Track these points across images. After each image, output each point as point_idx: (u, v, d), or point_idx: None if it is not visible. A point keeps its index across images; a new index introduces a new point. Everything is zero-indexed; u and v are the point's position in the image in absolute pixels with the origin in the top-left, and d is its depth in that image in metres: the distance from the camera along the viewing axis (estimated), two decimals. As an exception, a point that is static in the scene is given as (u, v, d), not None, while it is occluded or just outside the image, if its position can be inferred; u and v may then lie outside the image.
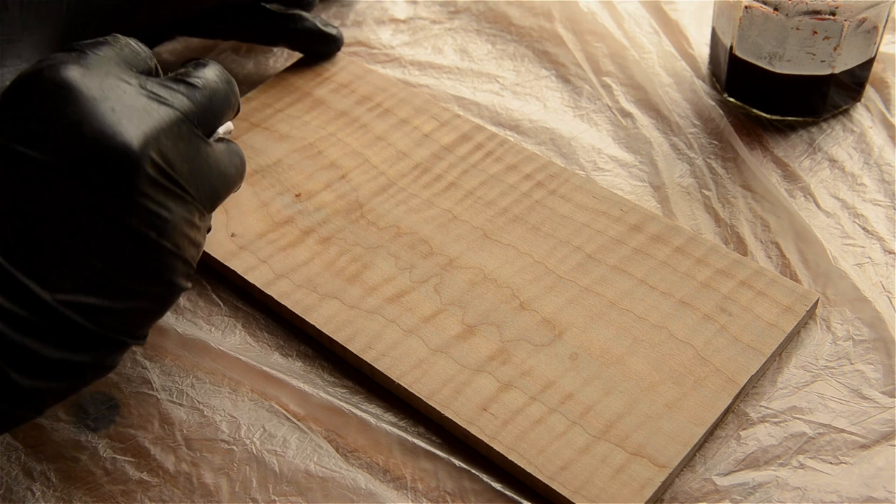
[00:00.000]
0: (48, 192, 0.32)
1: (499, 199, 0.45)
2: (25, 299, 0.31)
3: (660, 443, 0.36)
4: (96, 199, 0.32)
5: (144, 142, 0.33)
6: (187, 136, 0.35)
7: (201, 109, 0.36)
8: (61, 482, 0.37)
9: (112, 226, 0.32)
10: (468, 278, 0.42)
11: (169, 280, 0.34)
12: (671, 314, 0.40)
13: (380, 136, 0.49)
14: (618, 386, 0.38)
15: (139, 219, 0.32)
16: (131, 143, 0.32)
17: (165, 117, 0.34)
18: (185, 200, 0.34)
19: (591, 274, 0.42)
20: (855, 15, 0.45)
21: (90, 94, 0.33)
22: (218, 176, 0.36)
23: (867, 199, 0.46)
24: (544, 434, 0.37)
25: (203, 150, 0.35)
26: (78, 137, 0.32)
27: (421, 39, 0.56)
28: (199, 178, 0.35)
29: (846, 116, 0.50)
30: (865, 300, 0.42)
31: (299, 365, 0.41)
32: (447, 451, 0.38)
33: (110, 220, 0.32)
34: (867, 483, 0.36)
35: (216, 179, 0.36)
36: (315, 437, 0.39)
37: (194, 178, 0.34)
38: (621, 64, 0.53)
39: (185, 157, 0.34)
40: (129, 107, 0.33)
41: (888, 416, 0.38)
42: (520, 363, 0.39)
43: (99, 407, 0.40)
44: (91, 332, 0.32)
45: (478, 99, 0.52)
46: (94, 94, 0.33)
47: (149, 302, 0.34)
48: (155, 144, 0.33)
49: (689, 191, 0.47)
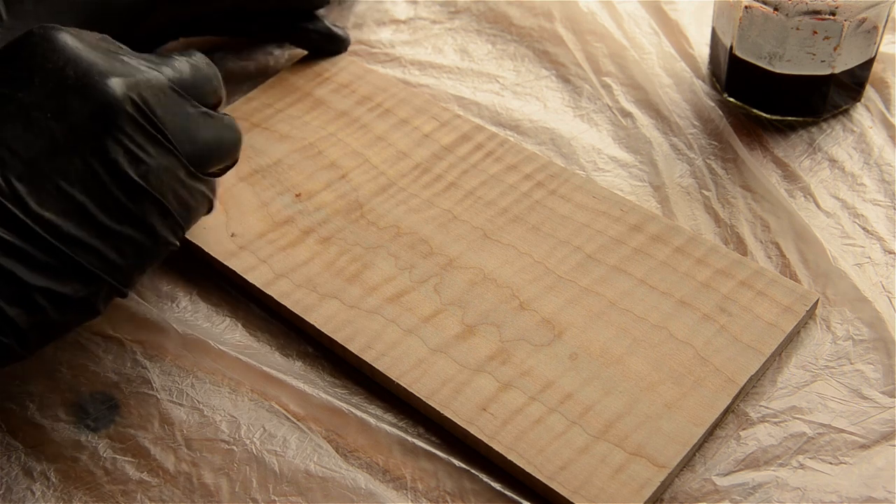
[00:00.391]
0: (31, 128, 0.33)
1: (499, 199, 0.45)
2: (8, 222, 0.32)
3: (659, 443, 0.36)
4: (77, 134, 0.33)
5: (126, 85, 0.34)
6: (173, 96, 0.36)
7: (187, 81, 0.37)
8: (61, 482, 0.38)
9: (91, 158, 0.33)
10: (468, 278, 0.42)
11: (150, 226, 0.35)
12: (671, 314, 0.40)
13: (380, 137, 0.49)
14: (617, 386, 0.38)
15: (116, 154, 0.34)
16: (112, 83, 0.34)
17: (150, 74, 0.35)
18: (168, 150, 0.35)
19: (591, 274, 0.42)
20: (855, 15, 0.45)
21: (76, 44, 0.35)
22: (208, 140, 0.37)
23: (867, 199, 0.46)
24: (544, 434, 0.37)
25: (190, 111, 0.36)
26: (61, 79, 0.34)
27: (421, 39, 0.56)
28: (186, 135, 0.36)
29: (846, 116, 0.50)
30: (865, 300, 0.42)
31: (299, 365, 0.41)
32: (447, 451, 0.38)
33: (89, 153, 0.33)
34: (867, 483, 0.36)
35: (205, 142, 0.37)
36: (315, 437, 0.39)
37: (179, 134, 0.36)
38: (621, 64, 0.53)
39: (168, 111, 0.35)
40: (115, 60, 0.35)
41: (888, 416, 0.38)
42: (519, 363, 0.39)
43: (99, 407, 0.40)
44: (73, 261, 0.33)
45: (478, 99, 0.52)
46: (80, 46, 0.35)
47: (130, 246, 0.35)
48: (136, 90, 0.34)
49: (688, 191, 0.47)
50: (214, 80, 0.39)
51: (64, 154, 0.33)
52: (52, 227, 0.33)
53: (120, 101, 0.34)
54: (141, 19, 0.47)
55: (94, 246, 0.34)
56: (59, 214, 0.33)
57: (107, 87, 0.34)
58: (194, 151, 0.36)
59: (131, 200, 0.34)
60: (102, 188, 0.34)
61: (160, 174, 0.35)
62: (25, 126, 0.33)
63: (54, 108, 0.34)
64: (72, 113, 0.34)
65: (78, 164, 0.33)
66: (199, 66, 0.38)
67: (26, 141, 0.33)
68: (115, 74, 0.34)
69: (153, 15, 0.48)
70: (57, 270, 0.33)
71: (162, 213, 0.35)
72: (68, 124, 0.33)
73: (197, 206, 0.37)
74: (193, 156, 0.36)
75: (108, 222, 0.34)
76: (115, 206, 0.34)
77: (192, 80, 0.37)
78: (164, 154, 0.35)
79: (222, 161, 0.39)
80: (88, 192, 0.34)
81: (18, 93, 0.34)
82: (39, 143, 0.33)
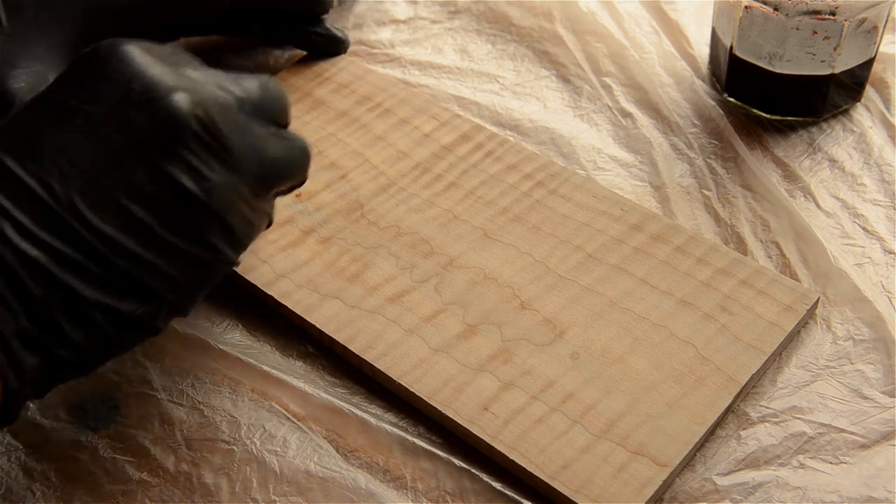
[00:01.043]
0: (96, 142, 0.33)
1: (499, 199, 0.45)
2: (66, 235, 0.32)
3: (661, 442, 0.36)
4: (140, 149, 0.33)
5: (192, 101, 0.33)
6: (240, 114, 0.35)
7: (255, 100, 0.36)
8: (61, 482, 0.37)
9: (153, 173, 0.33)
10: (469, 278, 0.42)
11: (211, 244, 0.34)
12: (672, 313, 0.40)
13: (380, 136, 0.49)
14: (619, 385, 0.38)
15: (180, 170, 0.33)
16: (178, 98, 0.33)
17: (216, 91, 0.35)
18: (232, 168, 0.34)
19: (592, 273, 0.42)
20: (855, 15, 0.45)
21: (143, 58, 0.34)
22: (275, 159, 0.36)
23: (867, 199, 0.46)
24: (545, 433, 0.37)
25: (257, 130, 0.35)
26: (127, 92, 0.33)
27: (421, 39, 0.56)
28: (252, 153, 0.35)
29: (846, 116, 0.50)
30: (865, 300, 0.42)
31: (300, 365, 0.41)
32: (447, 450, 0.38)
33: (152, 167, 0.33)
34: (867, 483, 0.36)
35: (272, 161, 0.36)
36: (315, 437, 0.39)
37: (246, 152, 0.35)
38: (621, 64, 0.53)
39: (234, 129, 0.34)
40: (182, 76, 0.34)
41: (888, 415, 0.38)
42: (521, 363, 0.39)
43: (99, 407, 0.40)
44: (131, 277, 0.33)
45: (478, 99, 0.52)
46: (147, 59, 0.34)
47: (191, 264, 0.34)
48: (202, 106, 0.33)
49: (689, 191, 0.47)
50: (282, 102, 0.38)
51: (126, 168, 0.33)
52: (110, 242, 0.32)
53: (185, 117, 0.33)
54: (141, 20, 0.47)
55: (153, 263, 0.33)
56: (119, 229, 0.32)
57: (171, 103, 0.33)
58: (260, 170, 0.35)
59: (193, 217, 0.33)
60: (164, 204, 0.33)
61: (224, 192, 0.34)
62: (90, 139, 0.33)
63: (119, 122, 0.33)
64: (136, 127, 0.33)
65: (140, 179, 0.33)
66: (268, 87, 0.37)
67: (90, 154, 0.33)
68: (180, 90, 0.33)
69: (153, 16, 0.48)
70: (114, 286, 0.32)
71: (224, 231, 0.34)
72: (132, 139, 0.33)
73: (259, 224, 0.36)
74: (259, 175, 0.35)
75: (169, 239, 0.33)
76: (177, 223, 0.33)
77: (260, 99, 0.36)
78: (228, 172, 0.34)
79: (289, 181, 0.38)
80: (150, 207, 0.33)
81: (85, 105, 0.33)
82: (102, 157, 0.33)
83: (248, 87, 0.36)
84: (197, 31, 0.53)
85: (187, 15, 0.50)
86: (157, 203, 0.33)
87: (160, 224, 0.33)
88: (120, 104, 0.33)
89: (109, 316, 0.33)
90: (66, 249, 0.32)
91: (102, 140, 0.33)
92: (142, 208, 0.33)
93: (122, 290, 0.33)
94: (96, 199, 0.32)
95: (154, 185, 0.33)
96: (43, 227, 0.32)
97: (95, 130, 0.33)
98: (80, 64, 0.35)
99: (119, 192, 0.32)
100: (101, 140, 0.33)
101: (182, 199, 0.33)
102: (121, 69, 0.34)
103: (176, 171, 0.33)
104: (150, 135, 0.33)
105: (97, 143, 0.33)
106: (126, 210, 0.32)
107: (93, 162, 0.33)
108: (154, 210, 0.33)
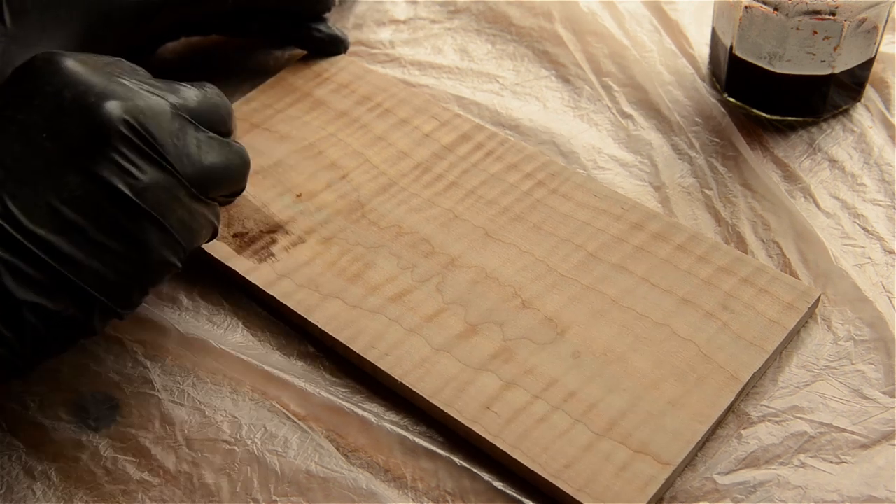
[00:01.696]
0: (28, 148, 0.34)
1: (500, 198, 0.45)
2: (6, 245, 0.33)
3: (663, 440, 0.36)
4: (71, 152, 0.34)
5: (122, 107, 0.34)
6: (175, 119, 0.36)
7: (193, 107, 0.37)
8: (62, 482, 0.37)
9: (84, 175, 0.34)
10: (470, 277, 0.42)
11: (145, 244, 0.35)
12: (673, 312, 0.40)
13: (380, 136, 0.49)
14: (620, 384, 0.38)
15: (110, 171, 0.34)
16: (107, 104, 0.34)
17: (150, 98, 0.35)
18: (164, 168, 0.35)
19: (593, 272, 0.42)
20: (855, 15, 0.45)
21: (77, 68, 0.35)
22: (213, 163, 0.37)
23: (867, 199, 0.46)
24: (547, 432, 0.37)
25: (193, 133, 0.36)
26: (59, 100, 0.34)
27: (421, 39, 0.56)
28: (187, 156, 0.36)
29: (846, 116, 0.50)
30: (866, 300, 0.42)
31: (300, 364, 0.41)
32: (448, 450, 0.38)
33: (82, 170, 0.34)
34: (868, 482, 0.36)
35: (210, 165, 0.37)
36: (316, 437, 0.38)
37: (179, 154, 0.35)
38: (621, 64, 0.53)
39: (167, 133, 0.35)
40: (116, 84, 0.35)
41: (889, 415, 0.38)
42: (522, 362, 0.39)
43: (100, 407, 0.40)
44: (64, 277, 0.33)
45: (478, 99, 0.52)
46: (80, 69, 0.35)
47: (127, 265, 0.35)
48: (133, 112, 0.34)
49: (689, 191, 0.47)
50: (223, 111, 0.39)
51: (58, 172, 0.34)
52: (42, 243, 0.33)
53: (113, 121, 0.34)
54: (144, 21, 0.47)
55: (86, 264, 0.34)
56: (52, 231, 0.33)
57: (101, 108, 0.34)
58: (197, 174, 0.36)
59: (126, 218, 0.34)
60: (95, 205, 0.34)
61: (157, 193, 0.34)
62: (23, 145, 0.34)
63: (51, 129, 0.34)
64: (67, 133, 0.34)
65: (71, 181, 0.34)
66: (207, 96, 0.38)
67: (22, 160, 0.34)
68: (111, 97, 0.34)
69: (156, 19, 0.48)
70: (47, 287, 0.33)
71: (160, 231, 0.35)
72: (63, 143, 0.34)
73: (199, 228, 0.37)
74: (196, 178, 0.36)
75: (101, 240, 0.34)
76: (109, 224, 0.34)
77: (198, 106, 0.37)
78: (160, 172, 0.35)
79: (228, 186, 0.38)
80: (81, 209, 0.34)
81: (19, 114, 0.34)
82: (35, 162, 0.34)
83: (186, 95, 0.37)
84: (198, 32, 0.53)
85: (190, 16, 0.50)
86: (88, 204, 0.34)
87: (92, 225, 0.34)
88: (53, 112, 0.34)
89: (41, 316, 0.33)
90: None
91: (35, 146, 0.34)
92: (73, 210, 0.34)
93: (54, 290, 0.33)
94: (28, 203, 0.33)
95: (85, 187, 0.34)
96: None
97: (29, 137, 0.34)
98: (15, 76, 0.36)
99: (51, 195, 0.33)
100: (34, 146, 0.34)
101: (113, 200, 0.34)
102: (54, 79, 0.35)
103: (106, 173, 0.34)
104: (81, 138, 0.34)
105: (30, 148, 0.34)
106: (58, 212, 0.33)
107: (25, 167, 0.34)
108: (85, 211, 0.34)
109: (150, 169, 0.34)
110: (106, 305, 0.35)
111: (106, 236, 0.34)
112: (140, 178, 0.34)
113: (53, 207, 0.33)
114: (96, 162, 0.34)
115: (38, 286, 0.33)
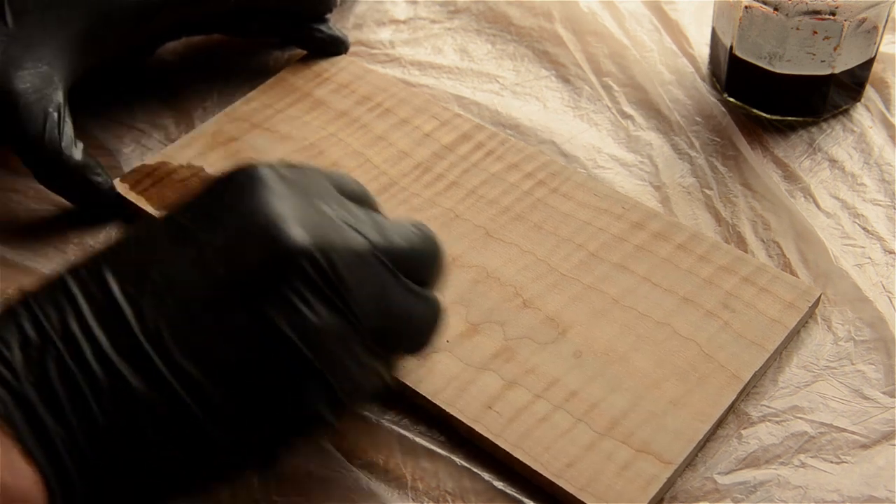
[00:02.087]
0: (202, 274, 0.30)
1: (500, 198, 0.45)
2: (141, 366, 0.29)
3: (665, 439, 0.36)
4: (240, 281, 0.30)
5: (312, 241, 0.30)
6: (372, 263, 0.32)
7: (398, 252, 0.33)
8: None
9: (250, 312, 0.29)
10: (471, 277, 0.42)
11: (300, 397, 0.30)
12: (674, 311, 0.40)
13: (380, 136, 0.49)
14: (622, 383, 0.38)
15: (280, 312, 0.29)
16: (294, 233, 0.30)
17: (349, 234, 0.31)
18: (344, 317, 0.30)
19: (594, 272, 0.42)
20: (855, 15, 0.45)
21: (275, 187, 0.31)
22: (398, 316, 0.33)
23: (867, 199, 0.46)
24: (549, 431, 0.37)
25: (389, 281, 0.32)
26: (245, 224, 0.30)
27: (421, 39, 0.56)
28: (375, 306, 0.31)
29: (846, 116, 0.50)
30: (866, 300, 0.42)
31: (301, 364, 0.41)
32: (448, 450, 0.38)
33: (249, 306, 0.29)
34: (868, 482, 0.36)
35: (395, 318, 0.32)
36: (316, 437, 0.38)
37: (367, 303, 0.31)
38: (621, 64, 0.53)
39: (358, 276, 0.31)
40: (313, 211, 0.31)
41: (889, 415, 0.38)
42: (524, 361, 0.39)
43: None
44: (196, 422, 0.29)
45: (478, 99, 0.52)
46: (279, 190, 0.31)
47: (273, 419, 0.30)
48: (322, 246, 0.30)
49: (689, 190, 0.47)
50: (430, 259, 0.34)
51: (224, 304, 0.29)
52: (185, 378, 0.29)
53: (296, 254, 0.29)
54: (145, 21, 0.47)
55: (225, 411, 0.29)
56: (197, 366, 0.29)
57: (285, 238, 0.30)
58: (382, 326, 0.32)
59: (284, 365, 0.29)
60: (253, 348, 0.29)
61: (326, 340, 0.30)
62: (197, 269, 0.30)
63: (229, 255, 0.30)
64: (244, 262, 0.30)
65: (236, 317, 0.29)
66: (416, 241, 0.34)
67: (192, 285, 0.30)
68: (300, 225, 0.30)
69: (157, 19, 0.48)
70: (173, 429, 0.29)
71: (321, 385, 0.30)
72: (238, 274, 0.29)
73: (368, 385, 0.32)
74: (380, 331, 0.31)
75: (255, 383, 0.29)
76: (266, 368, 0.29)
77: (402, 252, 0.33)
78: (337, 319, 0.30)
79: (412, 342, 0.34)
80: (236, 349, 0.29)
81: (202, 233, 0.30)
82: (204, 290, 0.30)
83: (392, 235, 0.33)
84: (199, 31, 0.53)
85: (191, 15, 0.50)
86: (245, 345, 0.29)
87: (248, 369, 0.29)
88: (236, 236, 0.30)
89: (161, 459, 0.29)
90: (134, 380, 0.29)
91: (209, 272, 0.30)
92: (227, 348, 0.29)
93: (181, 435, 0.29)
94: (184, 332, 0.29)
95: (247, 326, 0.29)
96: (119, 352, 0.29)
97: (205, 262, 0.30)
98: (215, 187, 0.32)
99: (210, 328, 0.29)
100: (207, 272, 0.30)
101: (274, 343, 0.29)
102: (246, 198, 0.31)
103: (273, 312, 0.29)
104: (256, 270, 0.30)
105: (203, 274, 0.30)
106: (211, 348, 0.29)
107: (193, 293, 0.30)
108: (240, 352, 0.29)
109: (326, 313, 0.30)
110: (237, 462, 0.30)
111: (255, 382, 0.29)
112: (313, 322, 0.29)
113: (208, 341, 0.29)
114: (267, 298, 0.29)
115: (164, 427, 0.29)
